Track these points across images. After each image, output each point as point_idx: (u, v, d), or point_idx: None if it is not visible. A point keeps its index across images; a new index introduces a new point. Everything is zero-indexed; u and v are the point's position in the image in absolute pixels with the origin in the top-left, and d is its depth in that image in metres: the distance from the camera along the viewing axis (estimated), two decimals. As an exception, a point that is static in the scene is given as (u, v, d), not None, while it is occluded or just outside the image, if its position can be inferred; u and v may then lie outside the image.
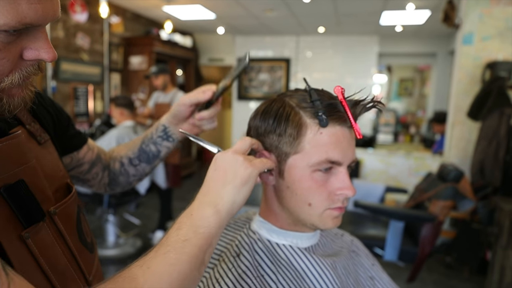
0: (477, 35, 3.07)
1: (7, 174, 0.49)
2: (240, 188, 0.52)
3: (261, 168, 0.55)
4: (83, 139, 0.80)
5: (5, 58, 0.42)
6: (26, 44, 0.44)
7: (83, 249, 0.63)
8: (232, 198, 0.51)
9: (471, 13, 3.06)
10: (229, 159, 0.54)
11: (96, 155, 0.83)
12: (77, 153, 0.78)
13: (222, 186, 0.52)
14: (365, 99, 0.61)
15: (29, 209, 0.51)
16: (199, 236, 0.48)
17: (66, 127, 0.75)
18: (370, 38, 5.67)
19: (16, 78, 0.45)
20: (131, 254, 3.03)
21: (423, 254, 2.18)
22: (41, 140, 0.61)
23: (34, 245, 0.50)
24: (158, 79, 3.35)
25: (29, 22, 0.41)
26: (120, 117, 2.98)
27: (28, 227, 0.50)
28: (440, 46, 5.81)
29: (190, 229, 0.48)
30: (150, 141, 0.84)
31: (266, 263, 0.64)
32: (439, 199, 2.22)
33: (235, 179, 0.52)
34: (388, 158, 4.05)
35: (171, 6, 4.29)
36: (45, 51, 0.45)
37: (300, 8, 4.19)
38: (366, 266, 0.77)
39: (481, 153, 2.71)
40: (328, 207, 0.61)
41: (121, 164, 0.86)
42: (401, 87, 8.55)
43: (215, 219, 0.49)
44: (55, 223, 0.56)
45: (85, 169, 0.81)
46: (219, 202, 0.51)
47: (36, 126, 0.61)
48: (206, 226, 0.49)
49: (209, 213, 0.50)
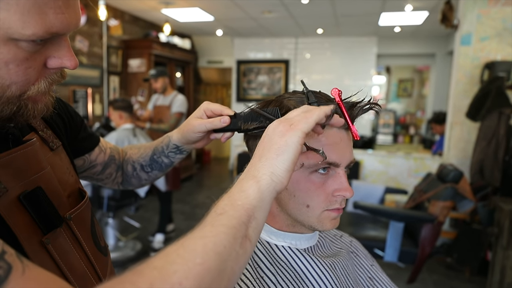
0: (475, 36, 3.07)
1: (25, 182, 0.50)
2: (275, 158, 0.46)
3: (304, 128, 0.47)
4: (95, 141, 0.80)
5: (31, 67, 0.44)
6: (50, 53, 0.46)
7: (98, 253, 0.63)
8: (269, 169, 0.46)
9: (469, 13, 3.07)
10: (270, 130, 0.49)
11: (108, 156, 0.83)
12: (89, 155, 0.78)
13: (259, 159, 0.48)
14: (362, 101, 0.61)
15: (48, 215, 0.52)
16: (237, 208, 0.43)
17: (79, 129, 0.75)
18: (369, 39, 5.69)
19: (42, 86, 0.47)
20: (131, 257, 3.03)
21: (423, 254, 2.18)
22: (53, 146, 0.62)
23: (54, 251, 0.51)
24: (157, 82, 3.35)
25: (55, 31, 0.43)
26: (119, 120, 2.98)
27: (47, 233, 0.51)
28: (439, 46, 5.83)
29: (228, 203, 0.44)
30: (162, 154, 0.82)
31: (266, 265, 0.64)
32: (439, 200, 2.22)
33: (270, 149, 0.47)
34: (388, 159, 4.05)
35: (169, 9, 4.30)
36: (68, 59, 0.47)
37: (299, 9, 4.20)
38: (365, 267, 0.78)
39: (481, 153, 2.72)
40: (326, 208, 0.61)
41: (134, 168, 0.87)
42: (400, 88, 8.56)
43: (254, 190, 0.45)
44: (70, 228, 0.57)
45: (98, 170, 0.82)
46: (256, 174, 0.46)
47: (49, 132, 0.62)
48: (244, 198, 0.44)
49: (246, 186, 0.45)
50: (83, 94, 3.98)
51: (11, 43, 0.41)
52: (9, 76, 0.43)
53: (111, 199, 2.85)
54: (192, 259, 0.37)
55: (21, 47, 0.42)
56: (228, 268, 0.39)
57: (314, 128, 0.51)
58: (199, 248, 0.38)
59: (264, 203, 0.45)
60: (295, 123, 0.48)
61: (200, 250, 0.38)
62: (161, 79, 3.35)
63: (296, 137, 0.47)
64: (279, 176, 0.46)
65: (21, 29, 0.40)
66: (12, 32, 0.40)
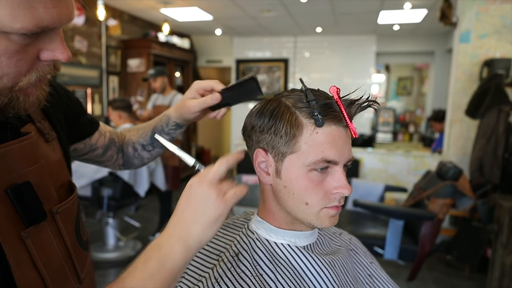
0: (474, 33, 3.07)
1: (16, 175, 0.52)
2: (210, 228, 0.51)
3: (234, 202, 0.53)
4: (95, 125, 0.83)
5: (22, 59, 0.45)
6: (43, 46, 0.47)
7: (79, 248, 0.65)
8: (201, 237, 0.51)
9: (467, 11, 3.07)
10: (202, 194, 0.52)
11: (108, 139, 0.86)
12: (89, 139, 0.81)
13: (192, 225, 0.51)
14: (360, 99, 0.61)
15: (32, 210, 0.53)
16: (165, 271, 0.49)
17: (79, 115, 0.78)
18: (368, 37, 5.68)
19: (33, 78, 0.48)
20: (131, 256, 3.03)
21: (423, 252, 2.18)
22: (49, 138, 0.63)
23: (32, 245, 0.52)
24: (156, 81, 3.35)
25: (45, 25, 0.44)
26: (119, 120, 2.98)
27: (29, 227, 0.52)
28: (438, 44, 5.83)
29: (157, 263, 0.49)
30: (162, 132, 0.86)
31: (265, 262, 0.64)
32: (438, 197, 2.23)
33: (205, 218, 0.51)
34: (387, 157, 4.06)
35: (168, 8, 4.29)
36: (60, 51, 0.48)
37: (297, 8, 4.20)
38: (364, 264, 0.78)
39: (480, 150, 2.72)
40: (325, 206, 0.61)
41: (135, 150, 0.90)
42: (399, 86, 8.56)
43: (183, 256, 0.50)
44: (56, 222, 0.59)
45: (99, 153, 0.85)
46: (187, 240, 0.51)
47: (45, 124, 0.64)
48: (172, 261, 0.50)
49: (177, 249, 0.50)
50: (82, 94, 3.98)
51: (2, 36, 0.42)
52: (0, 68, 0.44)
53: (111, 199, 2.86)
54: None
55: (12, 40, 0.43)
56: None
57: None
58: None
59: (186, 265, 0.52)
60: (227, 197, 0.52)
61: None
62: (160, 79, 3.35)
63: (227, 210, 0.52)
64: (205, 242, 0.52)
65: (11, 23, 0.41)
66: (2, 26, 0.41)
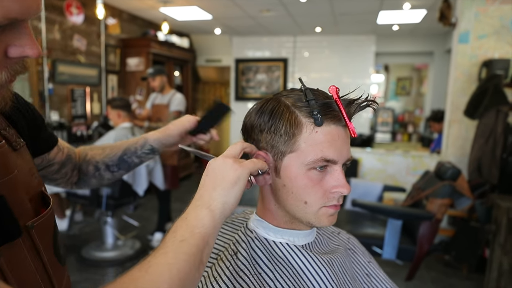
0: (473, 34, 3.08)
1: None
2: (230, 189, 0.53)
3: (251, 168, 0.56)
4: (54, 140, 0.80)
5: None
6: (10, 41, 0.42)
7: (57, 263, 0.60)
8: (223, 199, 0.53)
9: (467, 11, 3.07)
10: (219, 164, 0.56)
11: (66, 155, 0.83)
12: (48, 154, 0.77)
13: (213, 189, 0.54)
14: (359, 98, 0.61)
15: (6, 227, 0.48)
16: (195, 236, 0.49)
17: (40, 128, 0.73)
18: (367, 37, 5.69)
19: (4, 78, 0.43)
20: (130, 256, 3.03)
21: (421, 252, 2.19)
22: (17, 146, 0.57)
23: (5, 264, 0.47)
24: (155, 80, 3.35)
25: (14, 16, 0.39)
26: (118, 119, 2.98)
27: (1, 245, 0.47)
28: (437, 45, 5.83)
29: (186, 230, 0.49)
30: (134, 155, 0.87)
31: (264, 261, 0.64)
32: (437, 197, 2.23)
33: (224, 181, 0.54)
34: (386, 157, 4.06)
35: (167, 7, 4.29)
36: (29, 47, 0.43)
37: (297, 8, 4.20)
38: (362, 264, 0.78)
39: (478, 151, 2.72)
40: (324, 205, 0.62)
41: (96, 169, 0.87)
42: (398, 86, 8.57)
43: (209, 219, 0.51)
44: (31, 237, 0.53)
45: (55, 169, 0.81)
46: (211, 203, 0.52)
47: (12, 131, 0.57)
48: (201, 226, 0.50)
49: (203, 214, 0.51)
50: (81, 93, 3.97)
51: None
52: None
53: (109, 198, 2.85)
54: (161, 284, 0.42)
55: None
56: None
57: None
58: (165, 274, 0.44)
59: (216, 229, 0.52)
60: (245, 163, 0.56)
61: (167, 276, 0.44)
62: (158, 78, 3.35)
63: (246, 173, 0.55)
64: (231, 205, 0.53)
65: None
66: None
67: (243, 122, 0.68)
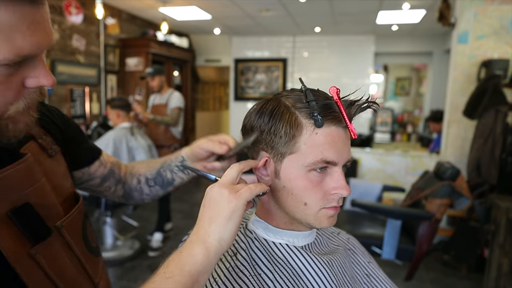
0: (472, 34, 3.08)
1: (15, 198, 0.53)
2: (225, 224, 0.51)
3: (247, 196, 0.54)
4: (95, 154, 0.83)
5: (8, 89, 0.46)
6: (27, 73, 0.48)
7: (89, 254, 0.67)
8: (219, 236, 0.51)
9: (466, 11, 3.07)
10: (215, 194, 0.53)
11: (108, 170, 0.85)
12: (88, 168, 0.80)
13: (208, 224, 0.52)
14: (360, 99, 0.61)
15: (36, 229, 0.55)
16: (184, 274, 0.48)
17: (78, 141, 0.78)
18: (366, 37, 5.69)
19: (21, 106, 0.49)
20: (129, 256, 3.03)
21: (420, 252, 2.19)
22: (52, 153, 0.64)
23: (43, 260, 0.55)
24: (154, 80, 3.35)
25: (26, 54, 0.44)
26: (117, 119, 2.98)
27: (36, 244, 0.54)
28: (436, 45, 5.84)
29: (177, 266, 0.49)
30: (168, 168, 0.87)
31: (263, 262, 0.64)
32: (436, 197, 2.23)
33: (220, 215, 0.52)
34: (385, 157, 4.07)
35: (167, 7, 4.29)
36: (44, 77, 0.49)
37: (296, 8, 4.20)
38: (362, 264, 0.78)
39: (477, 151, 2.73)
40: (324, 206, 0.62)
41: (138, 181, 0.90)
42: (397, 86, 8.58)
43: (203, 256, 0.50)
44: (62, 235, 0.60)
45: (97, 183, 0.84)
46: (206, 239, 0.51)
47: (48, 139, 0.65)
48: (193, 263, 0.49)
49: (197, 251, 0.50)
50: (80, 93, 3.96)
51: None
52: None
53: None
54: None
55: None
56: None
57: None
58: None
59: (210, 266, 0.51)
60: (241, 192, 0.53)
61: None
62: (157, 78, 3.36)
63: (242, 204, 0.52)
64: (227, 240, 0.51)
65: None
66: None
67: (243, 123, 0.67)
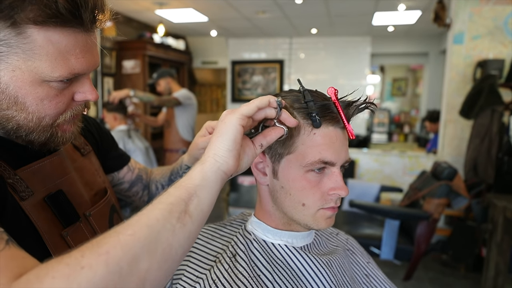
0: (467, 34, 3.10)
1: (50, 185, 0.62)
2: (217, 140, 0.50)
3: (244, 111, 0.50)
4: (124, 160, 0.90)
5: (60, 101, 0.56)
6: (76, 89, 0.58)
7: None
8: (212, 151, 0.50)
9: (461, 12, 3.09)
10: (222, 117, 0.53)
11: (136, 175, 0.92)
12: (117, 173, 0.88)
13: (208, 148, 0.52)
14: (358, 100, 0.61)
15: (67, 213, 0.63)
16: (178, 188, 0.47)
17: (109, 149, 0.86)
18: (363, 38, 5.71)
19: (68, 116, 0.58)
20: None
21: (419, 252, 2.20)
22: (84, 152, 0.75)
23: (72, 241, 0.62)
24: (159, 85, 3.24)
25: (77, 72, 0.54)
26: (114, 121, 2.97)
27: (67, 227, 0.62)
28: (432, 45, 5.87)
29: (175, 186, 0.48)
30: (177, 175, 0.90)
31: (262, 263, 0.64)
32: (433, 197, 2.24)
33: (214, 134, 0.51)
34: (383, 157, 4.08)
35: (163, 10, 4.28)
36: (90, 93, 0.58)
37: (292, 9, 4.21)
38: (361, 264, 0.78)
39: (474, 151, 2.74)
40: (322, 207, 0.62)
41: (156, 188, 0.96)
42: (394, 87, 8.61)
43: (197, 171, 0.49)
44: (90, 223, 0.68)
45: (125, 188, 0.91)
46: (202, 158, 0.51)
47: (81, 140, 0.75)
48: (187, 179, 0.49)
49: (193, 171, 0.50)
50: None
51: (44, 84, 0.53)
52: (43, 110, 0.55)
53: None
54: (124, 231, 0.41)
55: (52, 87, 0.54)
56: (163, 239, 0.42)
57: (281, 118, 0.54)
58: (132, 222, 0.43)
59: (208, 181, 0.48)
60: (238, 109, 0.51)
61: (133, 224, 0.42)
62: (162, 81, 3.23)
63: (235, 118, 0.50)
64: (222, 156, 0.49)
65: (51, 73, 0.51)
66: (44, 76, 0.52)
67: None
